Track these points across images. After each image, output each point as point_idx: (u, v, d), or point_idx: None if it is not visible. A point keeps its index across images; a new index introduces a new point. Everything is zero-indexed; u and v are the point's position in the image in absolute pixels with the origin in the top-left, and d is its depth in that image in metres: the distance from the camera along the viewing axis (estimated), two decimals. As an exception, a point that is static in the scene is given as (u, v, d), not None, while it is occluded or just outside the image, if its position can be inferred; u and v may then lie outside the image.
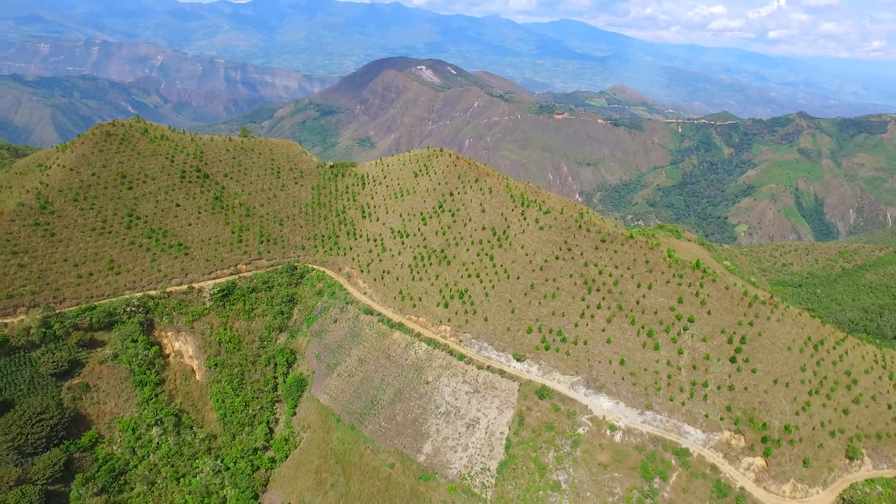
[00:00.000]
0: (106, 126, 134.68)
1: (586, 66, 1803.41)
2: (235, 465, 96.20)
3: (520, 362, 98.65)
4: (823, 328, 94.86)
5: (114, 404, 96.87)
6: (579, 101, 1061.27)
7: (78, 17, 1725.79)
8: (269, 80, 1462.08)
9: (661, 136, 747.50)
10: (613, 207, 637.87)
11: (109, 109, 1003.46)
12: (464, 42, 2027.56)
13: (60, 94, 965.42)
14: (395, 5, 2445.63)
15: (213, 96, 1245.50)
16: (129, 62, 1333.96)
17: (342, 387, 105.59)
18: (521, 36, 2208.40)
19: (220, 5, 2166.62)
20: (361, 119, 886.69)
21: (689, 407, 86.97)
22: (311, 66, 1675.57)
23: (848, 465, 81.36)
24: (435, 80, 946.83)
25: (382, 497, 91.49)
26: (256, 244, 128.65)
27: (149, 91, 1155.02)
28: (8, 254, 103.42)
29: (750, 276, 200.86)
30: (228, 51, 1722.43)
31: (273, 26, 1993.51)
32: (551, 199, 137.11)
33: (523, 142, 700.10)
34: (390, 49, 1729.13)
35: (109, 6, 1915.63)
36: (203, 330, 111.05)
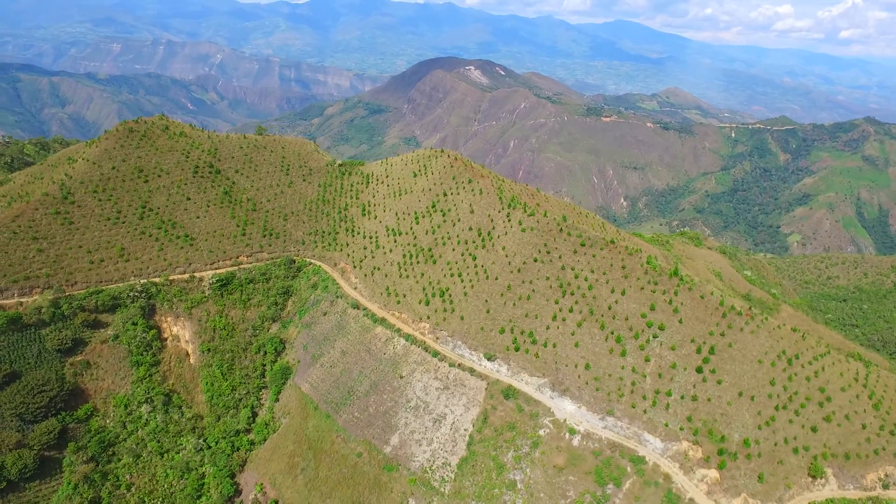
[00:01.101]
0: (130, 123, 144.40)
1: (640, 68, 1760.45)
2: (216, 445, 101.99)
3: (490, 362, 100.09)
4: (803, 342, 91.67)
5: (111, 381, 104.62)
6: (630, 104, 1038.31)
7: (147, 19, 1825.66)
8: (322, 79, 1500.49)
9: (713, 140, 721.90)
10: (659, 213, 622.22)
11: (170, 106, 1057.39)
12: (515, 43, 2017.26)
13: (127, 91, 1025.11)
14: (448, 5, 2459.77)
15: (267, 94, 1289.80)
16: (190, 60, 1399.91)
17: (323, 376, 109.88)
18: (574, 37, 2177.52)
19: (278, 5, 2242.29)
20: (408, 118, 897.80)
21: (651, 415, 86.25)
22: (363, 65, 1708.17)
23: (810, 484, 78.74)
24: (483, 80, 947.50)
25: (347, 484, 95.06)
26: (259, 237, 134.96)
27: (207, 88, 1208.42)
28: (29, 239, 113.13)
29: (770, 288, 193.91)
30: (284, 49, 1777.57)
31: (328, 26, 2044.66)
32: (548, 203, 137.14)
33: (569, 144, 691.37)
34: (442, 49, 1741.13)
35: (176, 7, 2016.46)
36: (200, 316, 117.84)
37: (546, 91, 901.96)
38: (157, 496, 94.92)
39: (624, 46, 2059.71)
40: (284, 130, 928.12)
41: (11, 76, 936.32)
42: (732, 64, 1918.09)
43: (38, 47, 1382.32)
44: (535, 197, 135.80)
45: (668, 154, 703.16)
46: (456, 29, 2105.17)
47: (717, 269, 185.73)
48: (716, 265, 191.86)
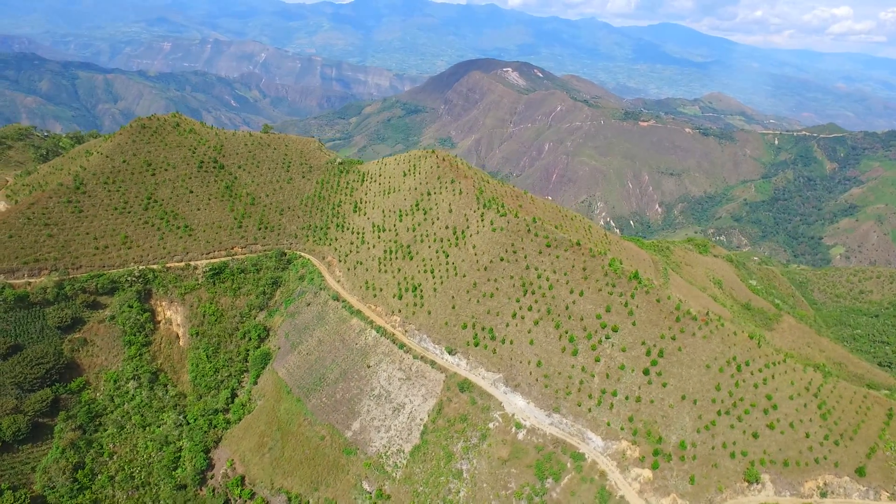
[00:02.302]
0: (143, 119, 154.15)
1: (684, 71, 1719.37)
2: (195, 422, 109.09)
3: (451, 355, 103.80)
4: (757, 350, 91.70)
5: (104, 358, 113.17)
6: (670, 109, 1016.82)
7: (197, 18, 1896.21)
8: (362, 78, 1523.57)
9: (755, 147, 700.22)
10: (695, 220, 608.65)
11: (214, 102, 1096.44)
12: (557, 45, 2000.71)
13: (175, 87, 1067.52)
14: (490, 7, 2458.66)
15: (307, 92, 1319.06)
16: (236, 59, 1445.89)
17: (299, 363, 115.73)
18: (617, 40, 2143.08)
19: (322, 5, 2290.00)
20: (444, 119, 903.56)
21: (595, 414, 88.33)
22: (403, 65, 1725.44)
23: (745, 489, 79.33)
24: (520, 82, 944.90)
25: (308, 464, 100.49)
26: (255, 230, 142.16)
27: (250, 86, 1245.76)
28: (41, 225, 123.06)
29: (775, 299, 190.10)
30: (327, 49, 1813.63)
31: (370, 26, 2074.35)
32: (533, 205, 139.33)
33: (604, 148, 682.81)
34: (482, 51, 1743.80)
35: (224, 7, 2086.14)
36: (192, 302, 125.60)
37: (584, 94, 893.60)
38: (136, 465, 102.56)
39: (668, 50, 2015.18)
40: (322, 129, 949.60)
41: (71, 73, 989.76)
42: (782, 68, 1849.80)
43: (96, 46, 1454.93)
44: (520, 199, 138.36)
45: (706, 160, 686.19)
46: (497, 30, 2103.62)
47: (717, 278, 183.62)
48: (718, 273, 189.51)
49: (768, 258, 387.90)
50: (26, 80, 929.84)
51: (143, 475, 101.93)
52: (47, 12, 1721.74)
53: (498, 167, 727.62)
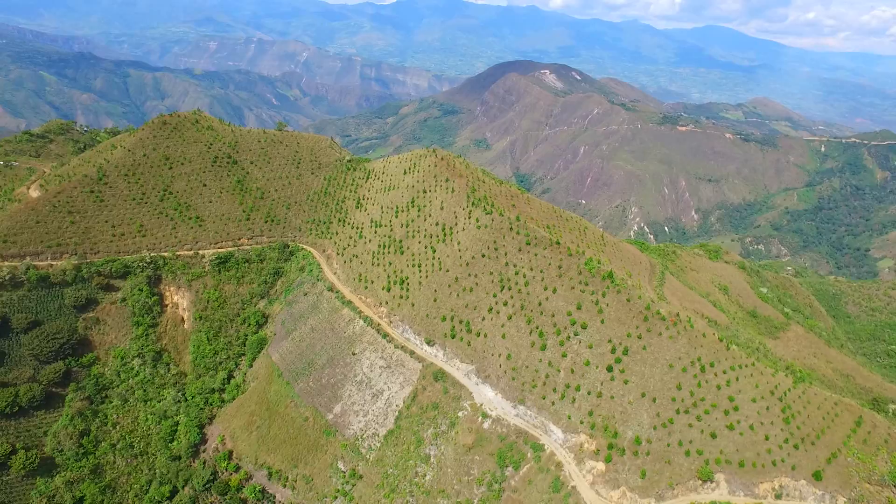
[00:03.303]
0: (165, 116, 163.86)
1: (729, 75, 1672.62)
2: (192, 399, 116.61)
3: (430, 346, 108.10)
4: (725, 352, 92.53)
5: (114, 336, 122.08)
6: (712, 114, 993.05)
7: (243, 18, 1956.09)
8: (401, 79, 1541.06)
9: (799, 154, 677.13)
10: (732, 228, 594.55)
11: (256, 101, 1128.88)
12: (598, 47, 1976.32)
13: (219, 85, 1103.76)
14: (531, 8, 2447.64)
15: (347, 92, 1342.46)
16: (278, 58, 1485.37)
17: (291, 349, 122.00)
18: (660, 42, 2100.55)
19: (364, 6, 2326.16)
20: (480, 120, 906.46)
21: (558, 407, 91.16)
22: (442, 66, 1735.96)
23: (699, 487, 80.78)
24: (558, 84, 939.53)
25: (291, 443, 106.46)
26: (261, 223, 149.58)
27: (291, 85, 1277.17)
28: (65, 212, 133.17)
29: (784, 308, 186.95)
30: (367, 49, 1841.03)
31: (411, 27, 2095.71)
32: (529, 205, 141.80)
33: (641, 153, 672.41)
34: (522, 52, 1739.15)
35: (269, 7, 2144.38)
36: (198, 288, 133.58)
37: (622, 97, 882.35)
38: (136, 436, 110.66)
39: (713, 53, 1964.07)
40: (360, 128, 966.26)
41: (123, 72, 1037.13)
42: (835, 72, 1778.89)
43: (147, 46, 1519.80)
44: (515, 198, 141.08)
45: (746, 167, 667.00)
46: (537, 32, 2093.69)
47: (724, 284, 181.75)
48: (726, 279, 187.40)
49: (804, 268, 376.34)
50: (83, 78, 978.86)
51: (142, 445, 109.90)
52: (105, 14, 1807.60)
53: (532, 170, 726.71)
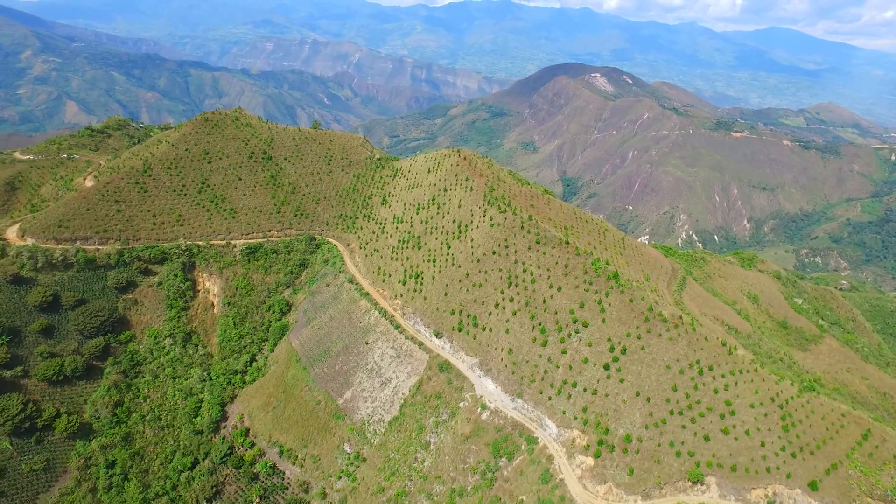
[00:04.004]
0: (207, 114, 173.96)
1: (791, 80, 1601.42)
2: (216, 379, 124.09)
3: (438, 339, 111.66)
4: (727, 357, 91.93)
5: (149, 317, 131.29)
6: (771, 119, 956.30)
7: (299, 20, 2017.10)
8: (451, 80, 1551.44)
9: (865, 163, 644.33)
10: (787, 239, 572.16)
11: (309, 100, 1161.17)
12: (652, 50, 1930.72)
13: (273, 85, 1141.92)
14: (584, 10, 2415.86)
15: (397, 92, 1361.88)
16: (331, 59, 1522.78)
17: (310, 336, 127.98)
18: (718, 45, 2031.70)
19: (417, 8, 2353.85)
20: (528, 123, 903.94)
21: (554, 402, 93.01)
22: (493, 68, 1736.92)
23: (688, 488, 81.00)
24: (608, 88, 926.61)
25: (303, 424, 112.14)
26: (291, 216, 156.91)
27: (343, 85, 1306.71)
28: (112, 202, 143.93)
29: (820, 320, 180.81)
30: (418, 51, 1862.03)
31: (462, 29, 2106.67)
32: (549, 206, 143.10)
33: (692, 159, 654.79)
34: (574, 55, 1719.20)
35: (324, 9, 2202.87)
36: (228, 276, 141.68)
37: (674, 102, 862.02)
38: (164, 409, 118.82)
39: (775, 56, 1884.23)
40: (408, 128, 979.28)
41: (184, 71, 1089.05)
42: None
43: (208, 47, 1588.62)
44: (535, 199, 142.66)
45: (804, 176, 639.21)
46: (590, 35, 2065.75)
47: (754, 293, 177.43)
48: (757, 288, 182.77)
49: (862, 283, 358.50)
50: (148, 78, 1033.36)
51: (169, 418, 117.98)
52: (171, 17, 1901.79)
53: (579, 174, 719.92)
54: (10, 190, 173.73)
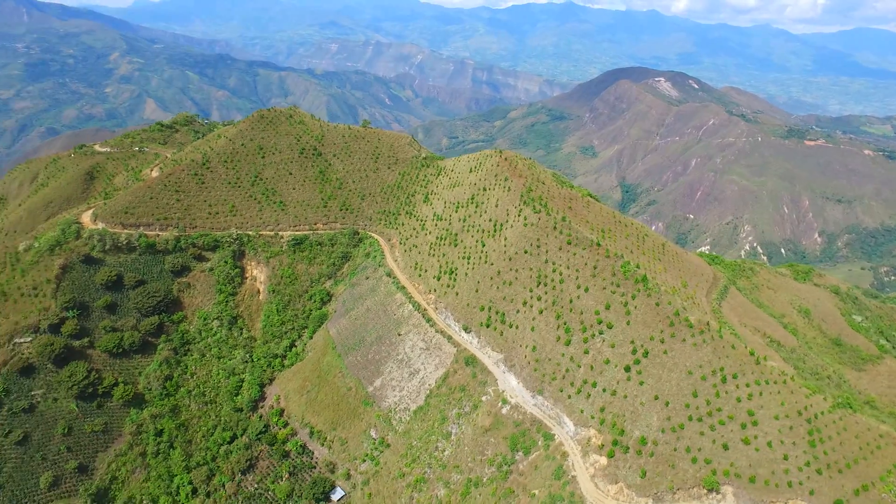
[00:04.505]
0: (262, 111, 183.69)
1: (878, 84, 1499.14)
2: (257, 361, 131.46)
3: (466, 333, 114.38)
4: (755, 366, 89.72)
5: (200, 300, 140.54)
6: (851, 127, 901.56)
7: (363, 22, 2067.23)
8: (512, 83, 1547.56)
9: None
10: (864, 255, 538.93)
11: (370, 100, 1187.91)
12: (722, 54, 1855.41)
13: (337, 85, 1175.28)
14: (651, 13, 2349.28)
15: (457, 94, 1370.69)
16: (393, 60, 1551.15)
17: (347, 326, 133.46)
18: (795, 48, 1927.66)
19: (480, 10, 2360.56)
20: (589, 127, 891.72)
21: (573, 400, 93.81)
22: (554, 71, 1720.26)
23: (704, 495, 79.96)
24: (672, 93, 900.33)
25: (333, 408, 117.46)
26: (336, 211, 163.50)
27: (404, 86, 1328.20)
28: (173, 191, 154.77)
29: (880, 340, 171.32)
30: (480, 52, 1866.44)
31: (525, 31, 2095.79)
32: (588, 210, 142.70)
33: (759, 168, 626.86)
34: (639, 59, 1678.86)
35: (388, 11, 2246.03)
36: (275, 265, 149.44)
37: (743, 108, 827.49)
38: (208, 386, 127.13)
39: (861, 59, 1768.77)
40: (467, 130, 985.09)
41: (253, 71, 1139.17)
42: None
43: (276, 47, 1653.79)
44: (573, 201, 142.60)
45: (888, 188, 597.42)
46: (656, 38, 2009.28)
47: (806, 307, 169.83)
48: (811, 303, 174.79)
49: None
50: (219, 77, 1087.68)
51: (212, 395, 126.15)
52: (243, 19, 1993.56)
53: (638, 180, 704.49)
54: (89, 179, 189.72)
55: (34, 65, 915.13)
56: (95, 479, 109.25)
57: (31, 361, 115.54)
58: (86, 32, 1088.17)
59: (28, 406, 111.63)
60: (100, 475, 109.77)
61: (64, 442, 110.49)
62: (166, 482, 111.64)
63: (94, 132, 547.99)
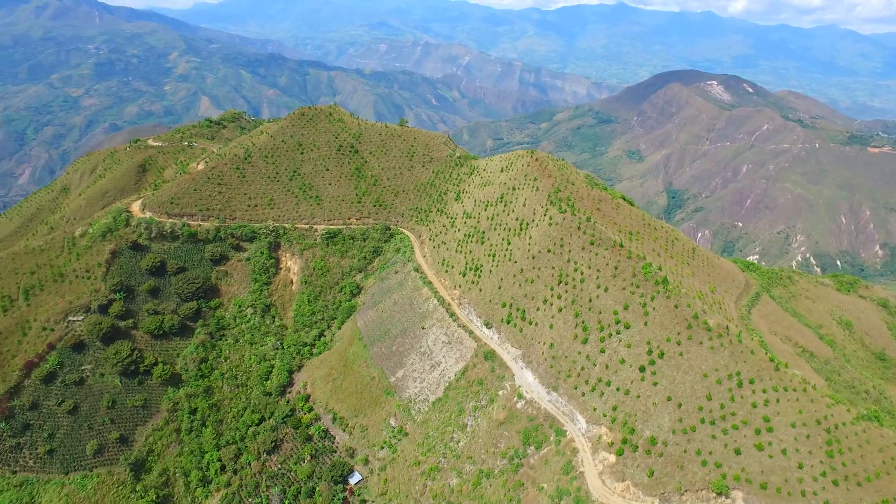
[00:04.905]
0: (303, 108, 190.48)
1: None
2: (287, 349, 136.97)
3: (488, 329, 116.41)
4: (775, 373, 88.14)
5: (237, 288, 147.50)
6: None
7: (412, 22, 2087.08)
8: (560, 85, 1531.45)
9: None
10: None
11: (417, 100, 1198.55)
12: (781, 56, 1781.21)
13: (384, 85, 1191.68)
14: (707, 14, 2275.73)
15: (504, 95, 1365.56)
16: (441, 60, 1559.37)
17: (374, 318, 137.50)
18: (864, 50, 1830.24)
19: (529, 11, 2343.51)
20: (636, 131, 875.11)
21: (587, 398, 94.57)
22: (603, 74, 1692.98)
23: (713, 499, 79.32)
24: (725, 97, 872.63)
25: (357, 396, 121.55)
26: (370, 206, 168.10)
27: (451, 87, 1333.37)
28: (216, 184, 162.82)
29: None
30: (528, 54, 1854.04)
31: (574, 33, 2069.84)
32: (617, 212, 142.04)
33: (815, 175, 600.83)
34: (692, 62, 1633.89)
35: (437, 12, 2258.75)
36: (308, 257, 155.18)
37: (800, 113, 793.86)
38: (240, 370, 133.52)
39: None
40: (512, 132, 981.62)
41: (303, 70, 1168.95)
42: None
43: (326, 47, 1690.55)
44: (603, 203, 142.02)
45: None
46: (711, 40, 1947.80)
47: (847, 319, 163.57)
48: (854, 315, 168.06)
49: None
50: (271, 76, 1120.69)
51: (243, 378, 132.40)
52: (296, 20, 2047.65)
53: (686, 186, 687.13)
54: (141, 171, 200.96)
55: (102, 64, 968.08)
56: (134, 450, 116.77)
57: (82, 338, 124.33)
58: (149, 33, 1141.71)
59: (78, 379, 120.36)
60: (138, 447, 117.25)
61: (108, 414, 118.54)
62: (197, 458, 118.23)
63: (151, 128, 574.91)
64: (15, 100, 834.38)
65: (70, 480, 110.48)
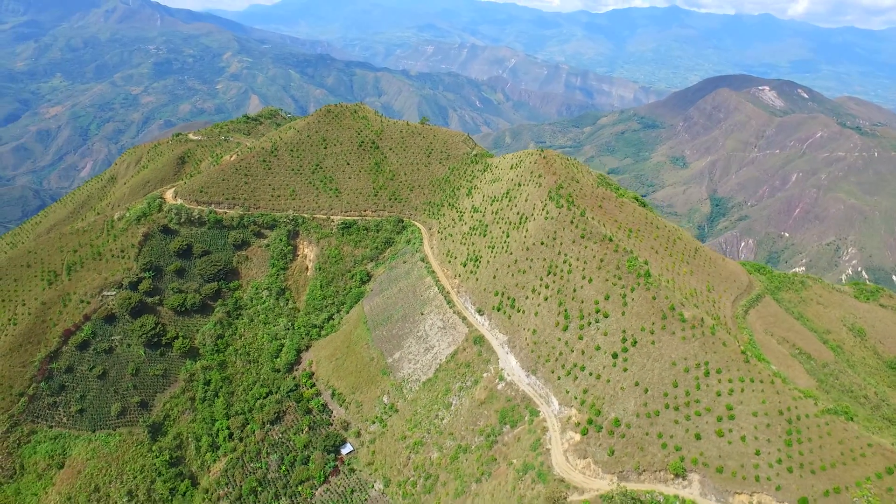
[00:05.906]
0: (329, 106, 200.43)
1: None
2: (298, 329, 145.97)
3: (480, 315, 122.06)
4: (743, 364, 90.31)
5: (255, 272, 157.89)
6: None
7: (460, 25, 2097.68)
8: (606, 89, 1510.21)
9: None
10: None
11: (461, 102, 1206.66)
12: (845, 60, 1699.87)
13: (430, 86, 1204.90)
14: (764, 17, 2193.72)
15: (549, 98, 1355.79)
16: (487, 63, 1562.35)
17: (379, 303, 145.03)
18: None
19: (578, 15, 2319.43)
20: (681, 137, 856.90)
21: (561, 382, 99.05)
22: (652, 78, 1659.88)
23: (669, 479, 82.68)
24: (777, 103, 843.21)
25: (356, 375, 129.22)
26: (386, 200, 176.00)
27: (496, 89, 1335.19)
28: (242, 174, 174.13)
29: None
30: (576, 57, 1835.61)
31: (624, 37, 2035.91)
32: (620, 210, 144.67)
33: (872, 185, 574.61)
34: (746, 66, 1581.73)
35: (485, 15, 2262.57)
36: (323, 245, 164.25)
37: (860, 120, 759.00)
38: (253, 348, 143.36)
39: None
40: (555, 135, 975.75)
41: (350, 71, 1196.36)
42: None
43: (374, 48, 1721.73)
44: (607, 201, 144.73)
45: None
46: (768, 44, 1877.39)
47: (861, 326, 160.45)
48: (869, 323, 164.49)
49: None
50: (319, 76, 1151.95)
51: (255, 355, 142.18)
52: (345, 21, 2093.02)
53: (730, 194, 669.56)
54: (180, 163, 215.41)
55: (160, 63, 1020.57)
56: (153, 414, 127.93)
57: (113, 311, 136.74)
58: (205, 34, 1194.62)
59: (108, 348, 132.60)
60: (156, 412, 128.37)
61: (132, 381, 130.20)
62: (208, 425, 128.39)
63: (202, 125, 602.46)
64: (82, 97, 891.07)
65: (96, 437, 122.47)
